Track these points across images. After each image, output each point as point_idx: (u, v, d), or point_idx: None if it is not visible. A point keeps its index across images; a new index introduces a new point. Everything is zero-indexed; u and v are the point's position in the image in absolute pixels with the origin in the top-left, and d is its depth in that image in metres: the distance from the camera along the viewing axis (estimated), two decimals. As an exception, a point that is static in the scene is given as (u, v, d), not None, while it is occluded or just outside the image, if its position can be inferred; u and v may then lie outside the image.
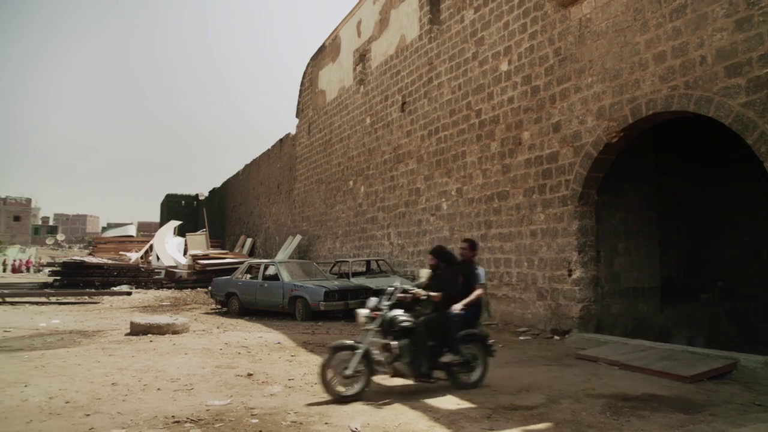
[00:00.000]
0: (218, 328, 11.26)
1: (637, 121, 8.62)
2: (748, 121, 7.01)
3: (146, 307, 15.38)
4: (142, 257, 26.82)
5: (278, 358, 7.99)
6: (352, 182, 19.00)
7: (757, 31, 6.96)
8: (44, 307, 15.27)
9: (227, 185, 40.28)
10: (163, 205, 49.62)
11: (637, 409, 5.35)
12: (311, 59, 23.31)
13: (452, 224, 13.30)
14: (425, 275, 6.59)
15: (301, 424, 4.87)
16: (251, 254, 28.75)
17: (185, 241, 27.45)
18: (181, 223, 31.86)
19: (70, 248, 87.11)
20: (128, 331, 10.27)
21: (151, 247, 27.34)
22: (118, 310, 14.60)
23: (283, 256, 21.94)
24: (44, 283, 22.70)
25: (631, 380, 6.57)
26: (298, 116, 24.73)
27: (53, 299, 16.62)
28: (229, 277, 15.18)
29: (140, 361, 7.64)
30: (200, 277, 21.14)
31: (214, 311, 14.38)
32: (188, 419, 4.95)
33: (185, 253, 25.34)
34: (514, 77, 11.36)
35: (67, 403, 5.49)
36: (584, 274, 9.63)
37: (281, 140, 27.31)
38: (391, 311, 5.87)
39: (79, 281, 20.26)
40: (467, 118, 12.87)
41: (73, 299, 16.73)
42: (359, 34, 19.08)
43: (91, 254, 31.63)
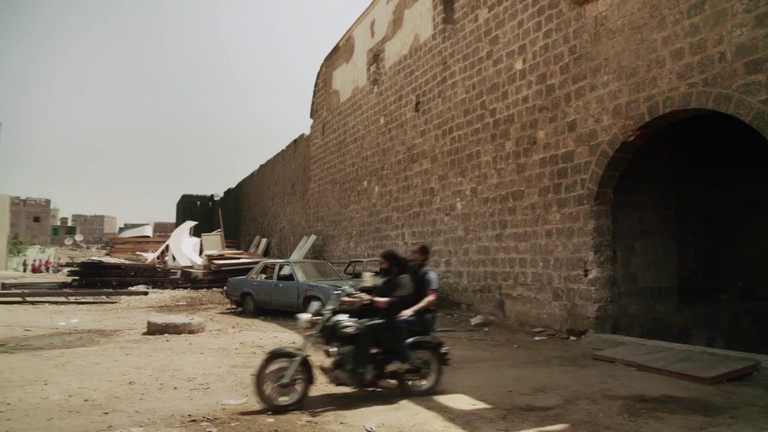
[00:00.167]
0: (233, 327, 11.34)
1: (654, 119, 8.52)
2: (768, 118, 6.90)
3: (162, 306, 15.52)
4: (158, 257, 27.05)
5: (293, 357, 8.01)
6: (366, 182, 19.02)
7: (777, 26, 6.85)
8: (63, 306, 15.49)
9: (242, 186, 40.53)
10: (178, 205, 50.06)
11: (655, 410, 5.29)
12: (325, 60, 23.38)
13: (467, 224, 13.25)
14: (369, 280, 6.33)
15: (316, 423, 4.89)
16: (266, 254, 28.90)
17: (201, 241, 27.64)
18: (196, 223, 32.12)
19: (88, 248, 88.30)
20: (145, 330, 10.39)
21: (167, 247, 27.57)
22: (135, 309, 14.76)
23: (297, 256, 22.02)
24: (63, 282, 23.02)
25: (648, 381, 6.50)
26: (312, 117, 24.82)
27: (72, 299, 16.85)
28: (244, 277, 15.26)
29: (157, 360, 7.72)
30: (215, 277, 21.27)
31: (229, 311, 14.47)
32: (204, 418, 4.98)
33: (201, 253, 25.52)
34: (528, 76, 11.29)
35: (86, 401, 5.57)
36: (600, 274, 9.55)
37: (295, 141, 27.42)
38: (334, 316, 5.58)
39: (96, 281, 20.48)
40: (481, 117, 12.82)
41: (91, 299, 16.95)
42: (373, 34, 19.10)
43: (108, 254, 32.00)
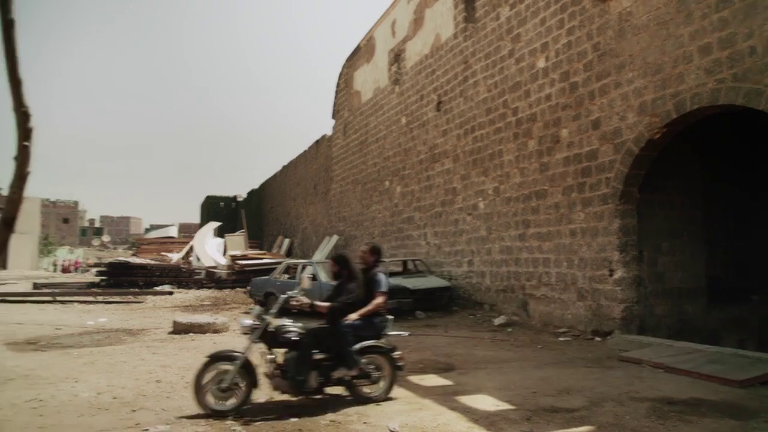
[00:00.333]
0: (257, 327, 11.41)
1: (681, 116, 8.36)
2: (801, 114, 6.72)
3: (187, 306, 15.73)
4: (183, 258, 27.39)
5: (316, 357, 8.05)
6: (388, 182, 19.03)
7: (810, 19, 6.66)
8: (91, 305, 15.79)
9: (265, 187, 40.86)
10: (203, 206, 50.63)
11: (683, 413, 5.19)
12: (346, 60, 23.44)
13: (489, 224, 13.17)
14: (306, 282, 6.17)
15: (339, 423, 4.91)
16: (288, 254, 29.08)
17: (224, 241, 27.94)
18: (220, 224, 32.41)
19: (114, 249, 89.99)
20: (171, 329, 10.54)
21: (191, 247, 27.90)
22: (160, 309, 14.99)
23: (320, 256, 22.12)
24: (91, 282, 23.47)
25: (676, 384, 6.37)
26: (333, 117, 24.91)
27: (100, 298, 17.19)
28: (267, 277, 15.39)
29: (183, 359, 7.83)
30: (239, 277, 21.48)
31: (253, 311, 14.58)
32: (230, 417, 5.03)
33: (224, 253, 25.80)
34: (551, 74, 11.17)
35: (114, 398, 5.68)
36: (626, 274, 9.39)
37: (317, 141, 27.55)
38: (277, 320, 5.44)
39: (123, 281, 20.84)
40: (504, 116, 12.72)
41: (118, 298, 17.26)
42: (394, 34, 19.09)
43: (134, 255, 32.51)
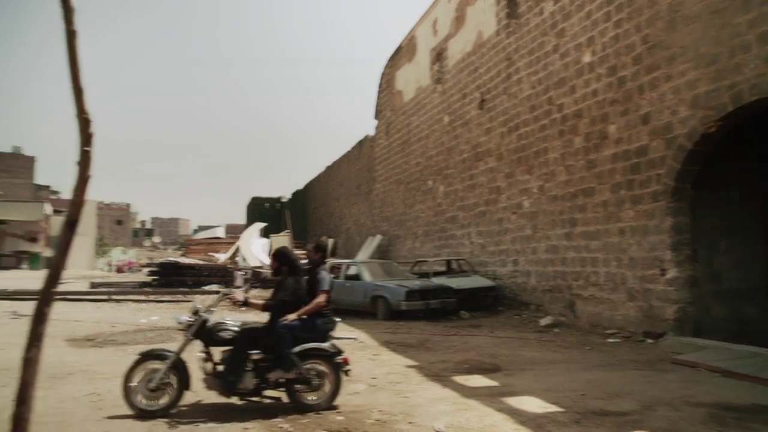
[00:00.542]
0: (302, 326, 11.56)
1: (737, 108, 8.00)
2: None
3: (235, 304, 16.04)
4: (229, 258, 28.01)
5: (361, 356, 8.12)
6: (431, 182, 18.96)
7: None
8: (144, 304, 16.35)
9: (308, 187, 41.40)
10: (248, 207, 51.68)
11: (744, 420, 4.97)
12: (388, 60, 23.50)
13: (534, 222, 12.95)
14: (239, 278, 6.09)
15: (384, 422, 4.92)
16: (332, 254, 29.35)
17: (270, 242, 28.44)
18: (266, 224, 33.02)
19: (165, 249, 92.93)
20: (220, 328, 10.78)
21: (238, 248, 28.51)
22: (209, 308, 15.34)
23: (363, 256, 22.24)
24: (143, 282, 24.30)
25: (736, 389, 6.11)
26: (376, 118, 25.01)
27: (152, 297, 17.78)
28: (311, 276, 15.54)
29: (231, 357, 7.99)
30: (284, 277, 21.78)
31: (298, 310, 14.77)
32: (278, 414, 5.11)
33: (270, 253, 26.26)
34: (597, 69, 10.89)
35: (166, 395, 5.84)
36: (679, 273, 9.06)
37: (360, 142, 27.73)
38: (216, 317, 5.33)
39: (173, 281, 21.47)
40: (548, 113, 12.49)
41: (169, 297, 17.80)
42: (435, 32, 19.01)
43: (183, 255, 33.48)
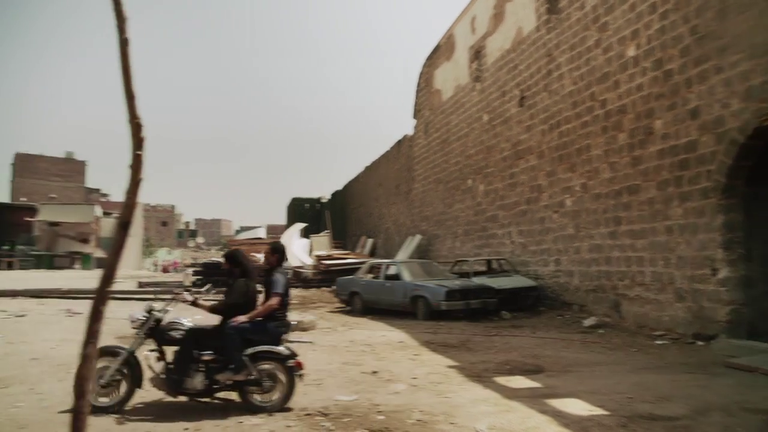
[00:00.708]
0: (343, 326, 11.67)
1: (793, 100, 7.65)
2: None
3: (277, 304, 16.30)
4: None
5: (401, 356, 8.11)
6: (470, 181, 18.81)
7: None
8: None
9: (348, 188, 41.65)
10: (289, 208, 52.33)
11: (803, 426, 4.74)
12: (426, 59, 23.42)
13: (577, 221, 12.68)
14: (186, 278, 6.01)
15: (425, 423, 4.90)
16: (372, 254, 29.46)
17: (310, 242, 28.75)
18: (306, 225, 33.38)
19: (208, 250, 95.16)
20: (262, 327, 10.97)
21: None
22: (252, 307, 15.62)
23: (403, 255, 22.23)
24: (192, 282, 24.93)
25: (794, 394, 5.84)
26: (414, 117, 24.96)
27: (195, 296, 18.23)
28: (352, 276, 15.64)
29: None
30: (324, 276, 21.98)
31: (338, 310, 14.92)
32: (318, 412, 5.16)
33: (310, 253, 26.54)
34: (642, 62, 10.58)
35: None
36: (732, 273, 8.70)
37: (399, 142, 27.73)
38: (166, 316, 5.36)
39: (217, 280, 21.94)
40: (591, 109, 12.20)
41: (212, 297, 18.21)
42: (473, 30, 18.84)
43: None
